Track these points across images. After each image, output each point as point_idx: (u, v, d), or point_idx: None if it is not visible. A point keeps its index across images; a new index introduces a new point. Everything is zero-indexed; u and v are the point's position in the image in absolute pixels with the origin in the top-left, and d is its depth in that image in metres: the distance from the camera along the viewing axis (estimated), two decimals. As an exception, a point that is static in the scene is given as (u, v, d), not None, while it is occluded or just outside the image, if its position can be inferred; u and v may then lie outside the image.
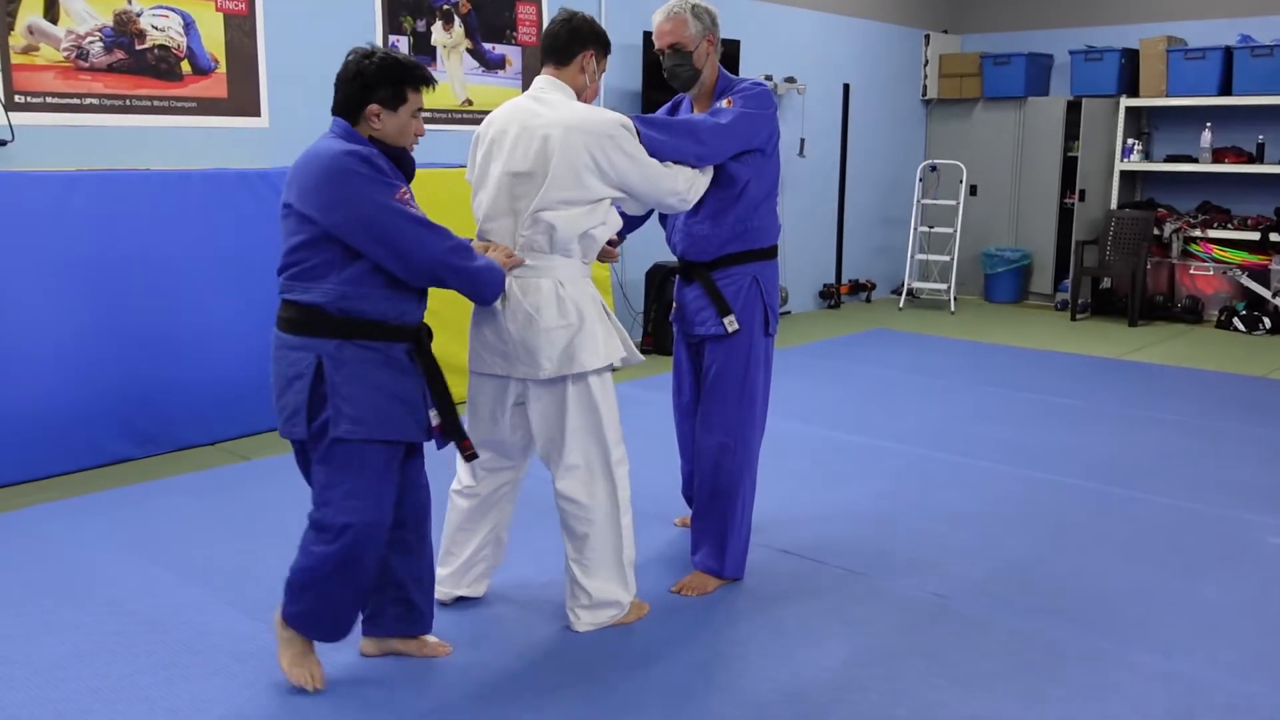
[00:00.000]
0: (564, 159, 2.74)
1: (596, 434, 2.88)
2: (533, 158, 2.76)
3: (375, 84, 2.48)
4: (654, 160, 2.89)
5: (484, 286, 2.63)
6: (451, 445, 2.72)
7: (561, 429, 2.86)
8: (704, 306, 3.25)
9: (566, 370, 2.79)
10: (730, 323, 3.20)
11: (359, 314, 2.47)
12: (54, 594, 3.20)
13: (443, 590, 3.08)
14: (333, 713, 2.56)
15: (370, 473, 2.52)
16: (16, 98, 4.43)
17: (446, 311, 3.54)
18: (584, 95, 2.92)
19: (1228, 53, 7.97)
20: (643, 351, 3.53)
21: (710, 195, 3.15)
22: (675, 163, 2.96)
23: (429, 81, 2.56)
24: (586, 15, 2.94)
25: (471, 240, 2.73)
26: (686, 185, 2.98)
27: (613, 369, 2.90)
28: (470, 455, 2.71)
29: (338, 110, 2.54)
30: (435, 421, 2.63)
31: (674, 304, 3.45)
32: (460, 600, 3.14)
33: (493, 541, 3.12)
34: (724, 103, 3.15)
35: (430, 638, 2.84)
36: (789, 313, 8.47)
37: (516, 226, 2.80)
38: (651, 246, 7.25)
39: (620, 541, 2.96)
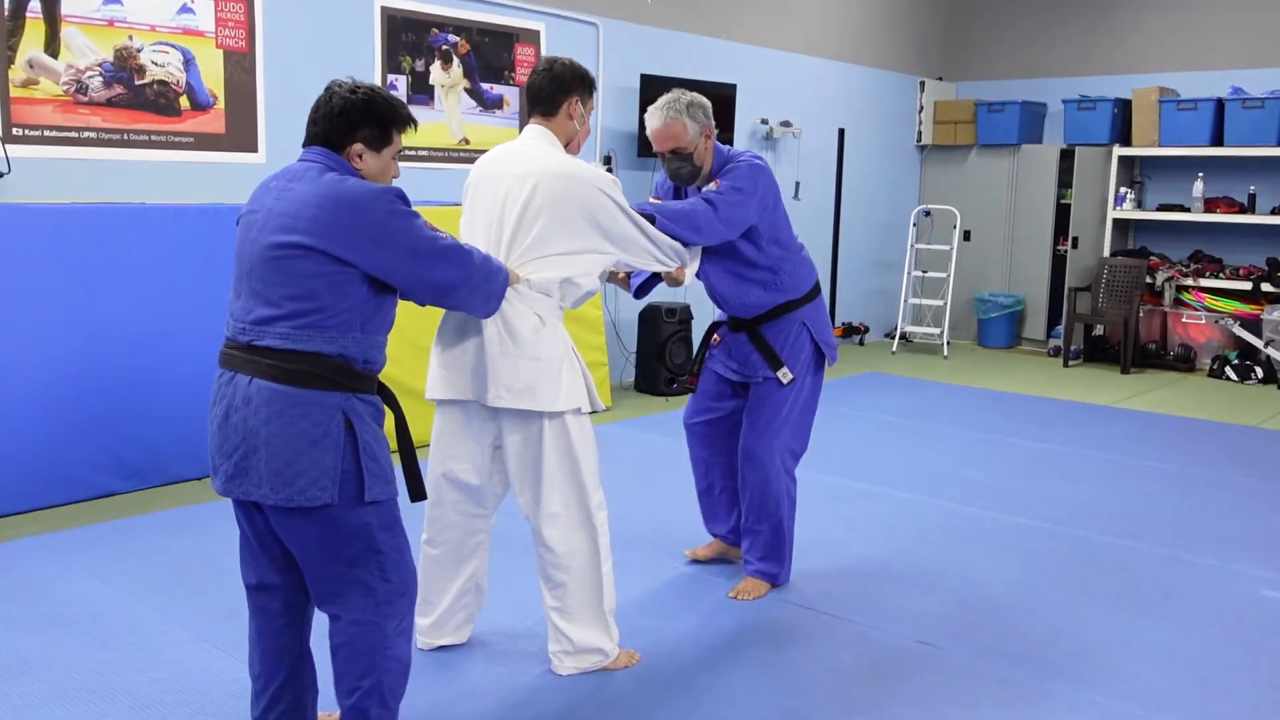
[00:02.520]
0: (555, 210, 2.74)
1: (575, 480, 2.83)
2: (520, 205, 2.75)
3: (362, 122, 2.34)
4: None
5: (494, 299, 2.58)
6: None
7: (539, 475, 2.81)
8: (754, 352, 3.41)
9: (521, 405, 2.73)
10: (784, 374, 3.39)
11: (370, 365, 2.34)
12: (35, 629, 3.17)
13: (424, 640, 3.04)
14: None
15: (403, 526, 2.40)
16: (15, 130, 4.45)
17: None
18: (575, 140, 2.93)
19: (1219, 104, 8.05)
20: (687, 390, 3.69)
21: (728, 270, 3.34)
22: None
23: (413, 122, 2.44)
24: (566, 60, 2.93)
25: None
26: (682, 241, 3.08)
27: (580, 411, 2.84)
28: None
29: (313, 143, 2.37)
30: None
31: (718, 338, 3.55)
32: (441, 647, 3.10)
33: (472, 589, 3.07)
34: (713, 184, 3.22)
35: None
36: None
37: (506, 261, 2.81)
38: (646, 287, 7.27)
39: (600, 589, 2.91)
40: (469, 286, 2.47)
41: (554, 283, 2.78)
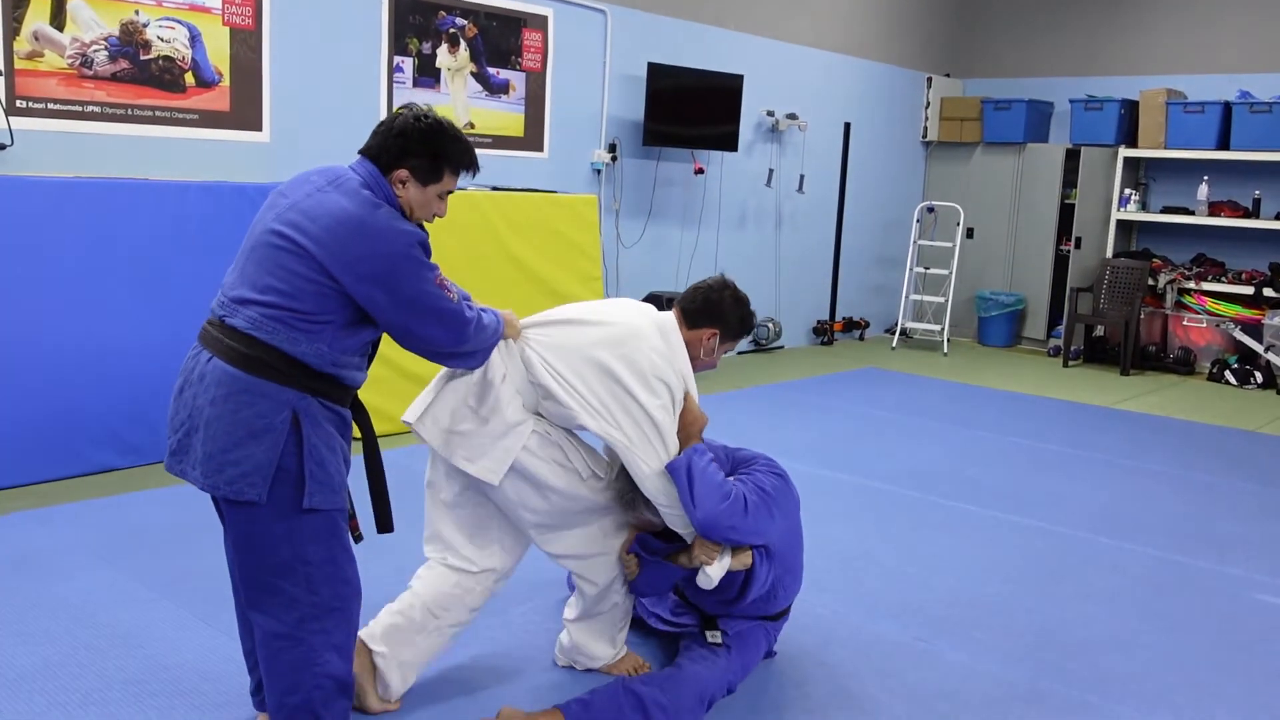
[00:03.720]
0: (605, 363, 2.58)
1: (572, 519, 2.68)
2: (591, 330, 2.64)
3: (416, 151, 2.27)
4: (650, 465, 2.58)
5: (479, 357, 2.47)
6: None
7: (535, 533, 2.69)
8: (686, 612, 3.02)
9: (434, 443, 2.58)
10: (714, 636, 2.88)
11: (338, 377, 2.26)
12: (27, 602, 3.16)
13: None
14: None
15: (345, 539, 2.31)
16: (19, 103, 4.43)
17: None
18: (695, 361, 2.78)
19: (1227, 108, 8.03)
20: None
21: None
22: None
23: (472, 168, 2.34)
24: (732, 294, 2.82)
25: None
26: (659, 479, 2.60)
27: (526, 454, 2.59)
28: (358, 537, 2.36)
29: (369, 156, 2.30)
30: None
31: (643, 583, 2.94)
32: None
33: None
34: None
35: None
36: (782, 348, 8.46)
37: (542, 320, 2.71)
38: (647, 274, 7.26)
39: (614, 613, 2.84)
40: (451, 351, 2.38)
41: (537, 373, 2.59)
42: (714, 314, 2.80)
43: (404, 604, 2.68)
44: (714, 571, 2.64)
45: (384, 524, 2.46)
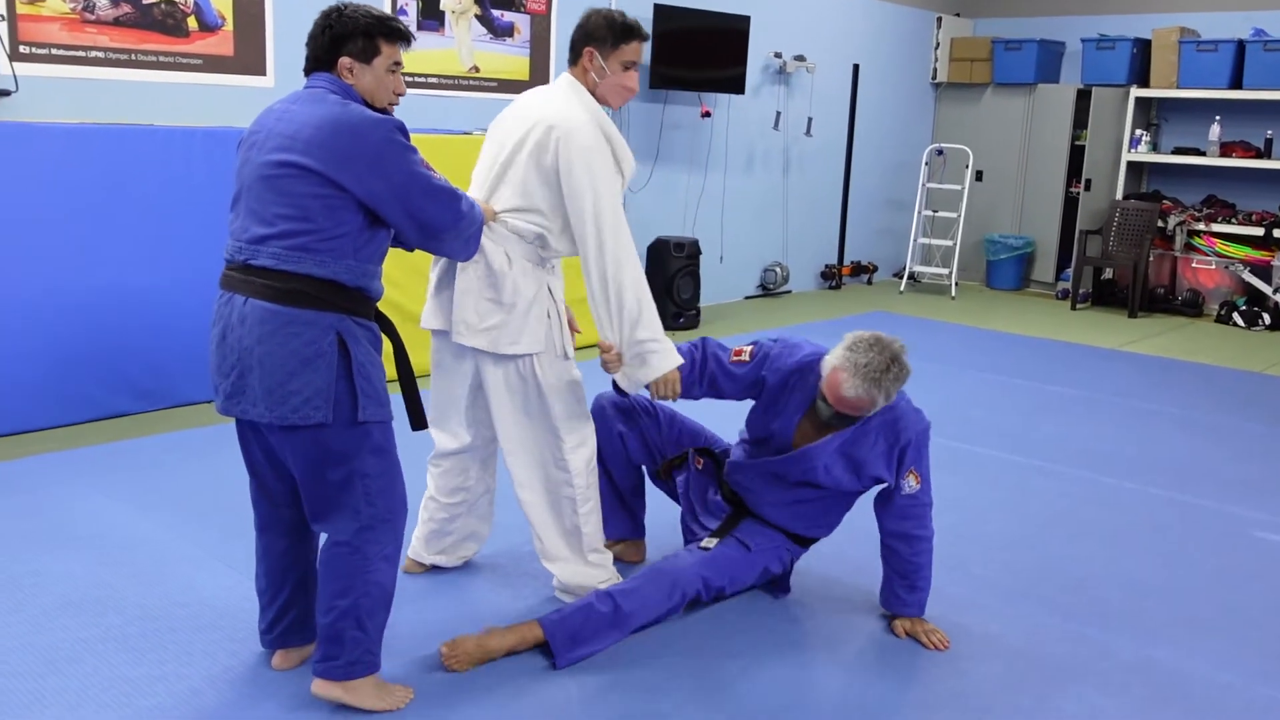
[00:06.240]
0: (536, 157, 2.72)
1: (544, 421, 2.81)
2: (511, 148, 2.77)
3: (345, 36, 2.33)
4: (607, 201, 2.72)
5: (473, 243, 2.57)
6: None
7: (502, 413, 2.82)
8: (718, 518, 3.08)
9: (477, 343, 2.74)
10: (708, 542, 2.97)
11: (366, 290, 2.35)
12: (45, 544, 3.23)
13: (412, 553, 3.13)
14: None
15: (395, 453, 2.41)
16: (21, 48, 4.42)
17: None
18: (598, 90, 2.84)
19: (1240, 46, 7.92)
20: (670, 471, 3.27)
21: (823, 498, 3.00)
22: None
23: (404, 36, 2.40)
24: (594, 12, 2.84)
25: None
26: (622, 264, 2.75)
27: (554, 354, 2.81)
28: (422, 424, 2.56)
29: (311, 68, 2.39)
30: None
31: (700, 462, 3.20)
32: (436, 568, 3.16)
33: (466, 510, 3.09)
34: (912, 479, 2.92)
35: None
36: (789, 292, 8.46)
37: (488, 199, 2.83)
38: (654, 219, 7.24)
39: (577, 530, 2.89)
40: (454, 231, 2.45)
41: (529, 233, 2.76)
42: (584, 34, 2.82)
43: (429, 512, 3.06)
44: (624, 383, 2.87)
45: (418, 422, 2.55)
